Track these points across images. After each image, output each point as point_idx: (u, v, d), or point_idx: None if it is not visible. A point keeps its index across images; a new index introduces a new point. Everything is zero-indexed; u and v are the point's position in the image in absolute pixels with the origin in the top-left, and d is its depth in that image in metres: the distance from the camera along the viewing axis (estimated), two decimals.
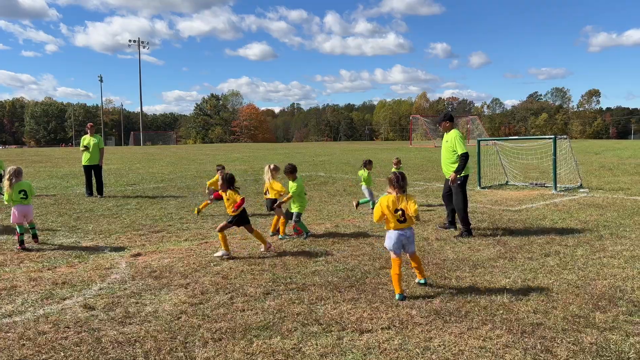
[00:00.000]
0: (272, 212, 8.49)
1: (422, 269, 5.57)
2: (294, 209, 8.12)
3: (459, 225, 8.17)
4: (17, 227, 7.48)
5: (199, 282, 5.68)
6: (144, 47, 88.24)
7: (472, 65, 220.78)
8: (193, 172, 21.35)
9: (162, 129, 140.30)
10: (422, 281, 5.52)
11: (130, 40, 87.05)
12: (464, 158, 7.88)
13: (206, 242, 7.76)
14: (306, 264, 6.41)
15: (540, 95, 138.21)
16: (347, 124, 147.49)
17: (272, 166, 8.73)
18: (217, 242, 7.75)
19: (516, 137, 23.26)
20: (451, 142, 8.17)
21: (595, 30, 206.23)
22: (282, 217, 8.12)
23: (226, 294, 5.27)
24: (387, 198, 5.27)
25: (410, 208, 5.18)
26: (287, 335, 4.18)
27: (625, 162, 22.96)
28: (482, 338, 4.08)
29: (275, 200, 8.36)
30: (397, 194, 5.25)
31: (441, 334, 4.16)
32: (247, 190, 14.44)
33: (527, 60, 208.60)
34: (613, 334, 4.10)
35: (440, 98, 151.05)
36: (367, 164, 10.69)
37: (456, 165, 7.99)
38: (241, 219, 7.03)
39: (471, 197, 12.43)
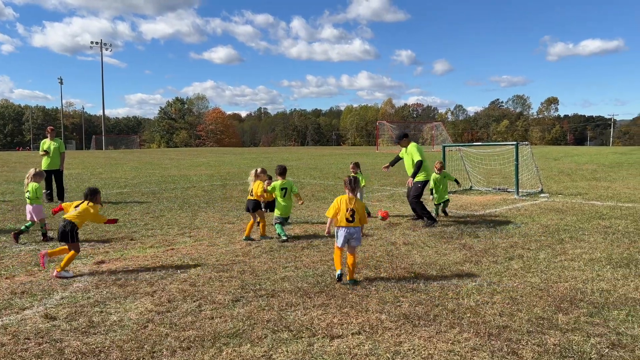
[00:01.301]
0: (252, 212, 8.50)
1: (354, 270, 5.86)
2: (276, 212, 8.48)
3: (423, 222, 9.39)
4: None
5: (166, 290, 5.57)
6: (106, 49, 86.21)
7: (436, 73, 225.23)
8: (158, 177, 20.96)
9: (125, 132, 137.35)
10: (353, 281, 5.78)
11: (92, 42, 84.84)
12: (418, 164, 9.33)
13: (172, 249, 7.61)
14: (275, 270, 6.37)
15: (502, 102, 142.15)
16: (314, 129, 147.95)
17: (258, 170, 8.62)
18: (183, 248, 7.63)
19: (480, 143, 23.78)
20: (410, 153, 9.68)
21: (553, 40, 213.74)
22: (263, 220, 8.39)
23: (194, 301, 5.18)
24: (343, 197, 5.97)
25: (358, 209, 5.87)
26: (257, 343, 4.14)
27: (583, 167, 23.82)
28: (450, 341, 4.14)
29: (257, 202, 8.36)
30: (349, 195, 5.95)
31: (411, 338, 4.20)
32: (214, 195, 14.27)
33: (489, 68, 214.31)
34: (575, 335, 4.23)
35: (405, 104, 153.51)
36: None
37: (428, 169, 9.59)
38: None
39: None
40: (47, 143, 13.24)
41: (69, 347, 4.06)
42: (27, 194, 8.34)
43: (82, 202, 6.43)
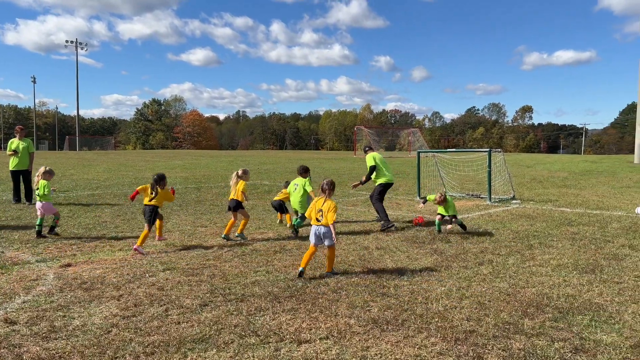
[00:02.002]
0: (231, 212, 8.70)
1: (330, 263, 6.36)
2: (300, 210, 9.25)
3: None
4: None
5: (133, 294, 5.46)
6: (81, 49, 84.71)
7: (414, 79, 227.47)
8: (131, 178, 20.62)
9: (100, 133, 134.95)
10: (329, 273, 6.29)
11: (67, 41, 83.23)
12: (370, 169, 10.27)
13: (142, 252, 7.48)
14: (246, 274, 6.31)
15: (478, 110, 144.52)
16: (293, 133, 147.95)
17: (240, 172, 8.88)
18: (153, 252, 7.51)
19: (454, 149, 24.08)
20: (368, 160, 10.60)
21: (527, 50, 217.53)
22: (245, 219, 8.58)
23: (161, 305, 5.09)
24: (317, 199, 6.52)
25: (325, 209, 6.27)
26: (224, 348, 4.08)
27: (554, 175, 24.32)
28: (417, 346, 4.15)
29: (239, 202, 8.54)
30: (321, 197, 6.46)
31: (378, 343, 4.20)
32: (187, 198, 14.11)
33: (466, 76, 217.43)
34: (540, 340, 4.29)
35: (384, 110, 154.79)
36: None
37: (375, 175, 10.29)
38: None
39: (410, 206, 12.74)
40: (15, 143, 12.91)
41: (28, 353, 3.94)
42: (36, 192, 8.65)
43: (154, 186, 7.83)
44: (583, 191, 16.86)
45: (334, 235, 6.22)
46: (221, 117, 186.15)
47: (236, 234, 8.54)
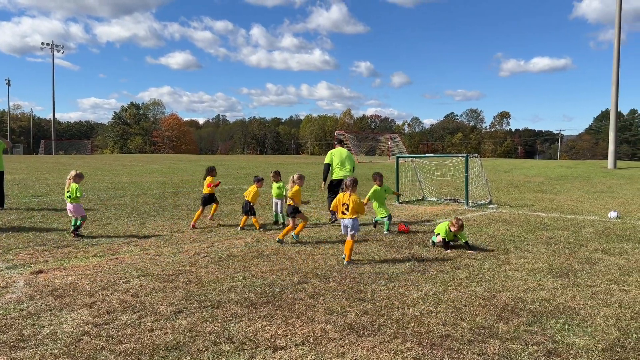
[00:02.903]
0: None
1: (348, 252, 7.19)
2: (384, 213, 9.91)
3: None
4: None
5: (106, 301, 5.35)
6: (57, 51, 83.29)
7: (394, 85, 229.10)
8: (107, 183, 20.30)
9: (77, 137, 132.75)
10: (347, 262, 7.13)
11: (42, 43, 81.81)
12: (324, 167, 11.54)
13: (116, 258, 7.35)
14: (222, 280, 6.24)
15: (456, 115, 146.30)
16: (273, 138, 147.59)
17: (295, 177, 8.96)
18: (128, 257, 7.38)
19: (432, 154, 24.29)
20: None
21: (505, 56, 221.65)
22: (304, 221, 8.83)
23: (134, 313, 5.00)
24: (341, 194, 7.53)
25: (350, 203, 7.25)
26: (197, 356, 4.02)
27: (531, 180, 24.70)
28: (393, 351, 4.15)
29: (295, 208, 8.72)
30: (346, 192, 7.43)
31: (354, 349, 4.19)
32: (165, 203, 13.94)
33: (445, 82, 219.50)
34: (514, 344, 4.33)
35: (364, 115, 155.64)
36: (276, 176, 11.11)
37: (335, 170, 11.40)
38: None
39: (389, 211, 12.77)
40: None
41: None
42: (67, 194, 9.05)
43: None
44: (558, 196, 17.15)
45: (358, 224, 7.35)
46: (201, 121, 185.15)
47: (293, 235, 8.76)
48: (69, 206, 9.07)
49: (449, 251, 8.03)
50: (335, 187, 11.27)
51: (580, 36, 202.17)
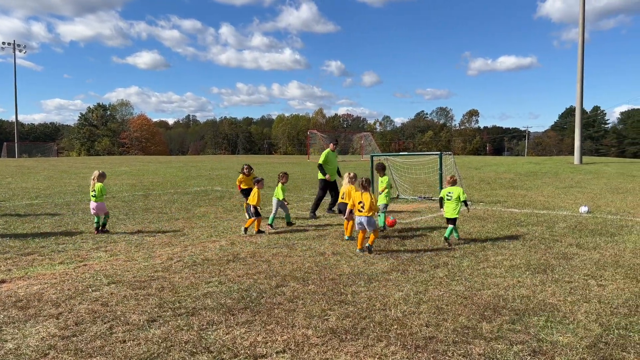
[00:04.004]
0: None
1: (371, 241, 7.73)
2: (382, 201, 9.87)
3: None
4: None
5: (74, 311, 5.08)
6: (19, 51, 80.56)
7: (365, 84, 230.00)
8: (74, 186, 19.65)
9: (42, 139, 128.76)
10: (368, 246, 7.69)
11: (3, 43, 78.93)
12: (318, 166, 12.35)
13: (85, 265, 7.04)
14: (197, 285, 6.02)
15: (427, 114, 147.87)
16: (245, 138, 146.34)
17: (351, 174, 9.53)
18: (97, 264, 7.08)
19: (406, 152, 24.36)
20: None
21: (473, 55, 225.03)
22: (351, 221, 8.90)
23: (105, 323, 4.75)
24: (357, 194, 8.00)
25: (366, 201, 7.74)
26: None
27: (501, 176, 25.06)
28: (377, 356, 4.03)
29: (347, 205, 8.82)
30: (361, 191, 7.91)
31: (337, 354, 4.05)
32: (135, 206, 13.53)
33: (415, 81, 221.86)
34: (499, 344, 4.26)
35: (336, 114, 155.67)
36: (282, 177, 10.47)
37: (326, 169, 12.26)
38: None
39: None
40: None
41: None
42: (92, 193, 9.58)
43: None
44: (530, 192, 17.41)
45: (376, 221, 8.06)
46: (170, 121, 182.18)
47: (346, 238, 8.88)
48: (92, 205, 9.62)
49: (442, 209, 8.58)
50: (322, 186, 12.33)
51: (545, 35, 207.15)
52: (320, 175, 12.30)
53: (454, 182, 8.73)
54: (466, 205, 8.56)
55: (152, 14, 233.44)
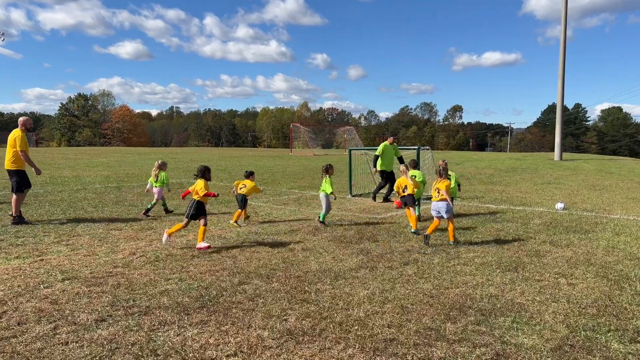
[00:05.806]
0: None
1: (451, 232, 7.99)
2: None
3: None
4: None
5: (19, 310, 4.80)
6: None
7: (350, 78, 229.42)
8: (45, 177, 19.11)
9: None
10: (451, 242, 7.90)
11: None
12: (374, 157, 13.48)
13: (41, 260, 6.73)
14: (156, 282, 5.77)
15: (411, 109, 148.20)
16: (229, 130, 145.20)
17: (402, 167, 9.78)
18: (55, 259, 6.77)
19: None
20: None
21: (458, 51, 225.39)
22: (413, 211, 9.16)
23: (50, 323, 4.48)
24: (436, 181, 8.23)
25: (441, 188, 8.03)
26: None
27: (482, 172, 25.08)
28: (334, 359, 3.83)
29: (411, 196, 9.25)
30: (439, 179, 8.17)
31: (291, 358, 3.84)
32: (105, 198, 13.16)
33: (400, 75, 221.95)
34: (461, 346, 4.10)
35: (321, 108, 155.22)
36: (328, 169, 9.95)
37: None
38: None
39: (341, 205, 12.51)
40: None
41: None
42: (155, 179, 10.54)
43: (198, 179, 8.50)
44: (508, 187, 17.39)
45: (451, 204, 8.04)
46: (153, 113, 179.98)
47: (412, 231, 8.89)
48: (155, 190, 10.58)
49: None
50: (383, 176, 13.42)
51: (530, 32, 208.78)
52: (379, 166, 13.34)
53: (415, 166, 10.47)
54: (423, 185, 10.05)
55: (135, 3, 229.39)
